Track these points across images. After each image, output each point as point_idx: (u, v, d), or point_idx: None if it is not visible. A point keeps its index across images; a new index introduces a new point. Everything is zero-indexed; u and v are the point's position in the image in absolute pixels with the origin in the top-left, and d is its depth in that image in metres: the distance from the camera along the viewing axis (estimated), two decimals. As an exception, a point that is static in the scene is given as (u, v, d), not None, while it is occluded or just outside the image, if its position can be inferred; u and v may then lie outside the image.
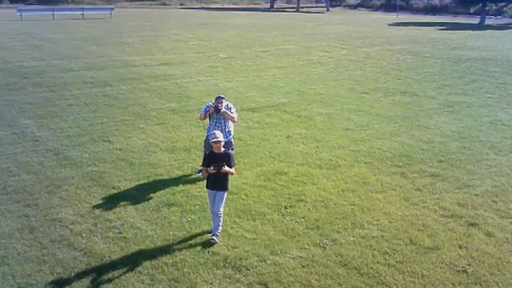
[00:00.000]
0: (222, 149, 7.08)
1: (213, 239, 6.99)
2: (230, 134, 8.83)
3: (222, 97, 8.66)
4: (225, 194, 7.11)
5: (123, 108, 13.76)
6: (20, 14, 38.39)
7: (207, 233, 7.16)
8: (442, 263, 6.67)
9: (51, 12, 40.86)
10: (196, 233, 7.22)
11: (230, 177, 7.15)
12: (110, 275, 6.23)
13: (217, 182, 6.97)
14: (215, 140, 6.95)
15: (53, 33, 30.34)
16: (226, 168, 6.88)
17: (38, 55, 22.31)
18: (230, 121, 8.76)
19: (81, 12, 42.48)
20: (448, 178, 9.43)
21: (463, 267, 6.57)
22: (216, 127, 8.55)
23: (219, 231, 7.07)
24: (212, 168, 6.85)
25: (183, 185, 8.77)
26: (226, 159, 6.98)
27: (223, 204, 7.06)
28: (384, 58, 24.16)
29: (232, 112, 8.65)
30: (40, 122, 12.30)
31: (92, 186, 8.68)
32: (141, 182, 8.93)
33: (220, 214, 7.04)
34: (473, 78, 19.46)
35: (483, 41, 31.97)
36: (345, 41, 30.31)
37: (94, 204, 8.03)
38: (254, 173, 9.40)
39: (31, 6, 48.54)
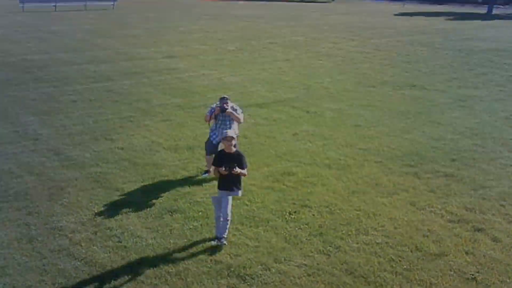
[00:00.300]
0: (233, 148, 6.80)
1: (222, 242, 6.77)
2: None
3: (227, 98, 8.48)
4: (233, 197, 6.87)
5: (128, 104, 13.48)
6: (22, 5, 38.05)
7: (209, 241, 6.91)
8: (450, 270, 6.42)
9: (54, 3, 40.47)
10: (198, 240, 6.95)
11: (242, 178, 6.89)
12: (112, 285, 6.02)
13: (230, 183, 6.74)
14: (226, 136, 6.68)
15: (56, 25, 29.98)
16: (238, 169, 6.62)
17: (41, 47, 22.00)
18: (235, 122, 8.53)
19: (84, 3, 42.08)
20: (463, 178, 9.09)
21: (472, 275, 6.33)
22: (221, 128, 8.32)
23: (226, 233, 6.85)
24: (224, 169, 6.58)
25: (188, 187, 8.48)
26: (238, 159, 6.71)
27: (230, 207, 6.83)
28: (394, 49, 23.66)
29: (238, 114, 8.41)
30: (43, 119, 12.04)
31: (96, 188, 8.44)
32: (145, 183, 8.68)
33: (229, 219, 6.84)
34: (484, 71, 19.01)
35: (494, 31, 31.36)
36: (353, 32, 29.79)
37: (96, 209, 7.74)
38: (261, 174, 9.12)
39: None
